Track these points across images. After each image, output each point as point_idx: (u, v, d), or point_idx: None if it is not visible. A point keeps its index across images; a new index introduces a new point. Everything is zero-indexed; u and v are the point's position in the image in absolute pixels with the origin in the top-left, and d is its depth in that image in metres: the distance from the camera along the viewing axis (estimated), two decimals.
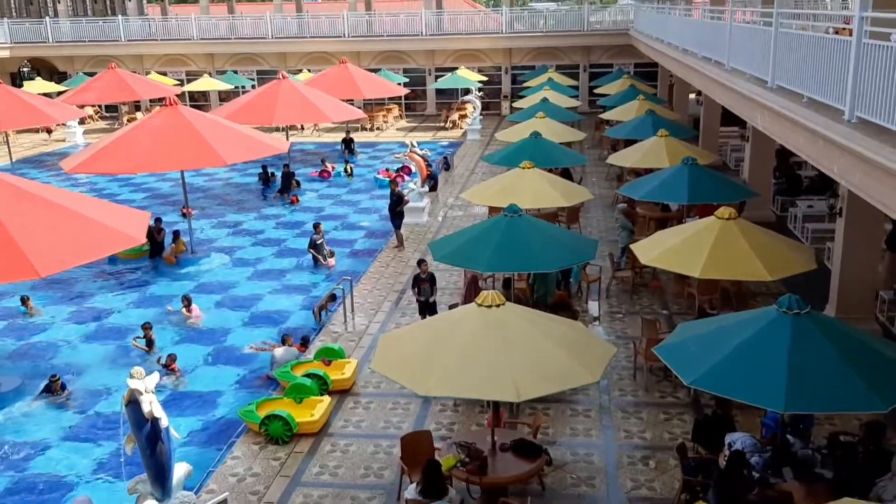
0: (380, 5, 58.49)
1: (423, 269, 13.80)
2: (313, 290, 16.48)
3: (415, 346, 8.57)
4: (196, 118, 18.46)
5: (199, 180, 26.76)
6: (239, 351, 13.81)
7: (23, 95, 28.01)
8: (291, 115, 26.33)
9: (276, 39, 40.56)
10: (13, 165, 27.40)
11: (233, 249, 19.51)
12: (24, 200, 11.79)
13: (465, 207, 21.82)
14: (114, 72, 33.22)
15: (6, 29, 41.26)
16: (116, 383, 12.28)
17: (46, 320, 15.40)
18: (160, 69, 41.53)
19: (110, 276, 17.80)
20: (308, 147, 33.11)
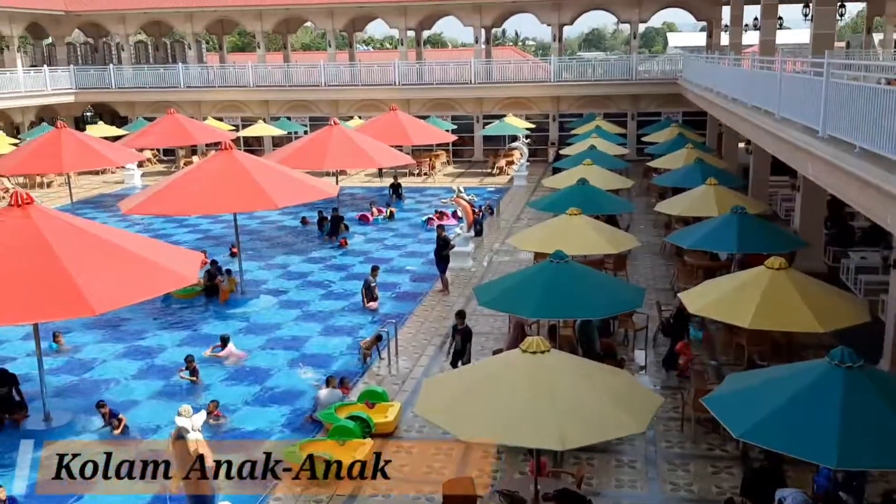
0: (430, 54, 59.66)
1: (459, 321, 13.63)
2: (359, 333, 16.60)
3: (458, 390, 8.57)
4: (249, 162, 18.95)
5: (250, 223, 27.31)
6: (284, 392, 13.92)
7: (85, 139, 29.08)
8: (341, 161, 26.83)
9: (329, 87, 41.52)
10: (73, 206, 28.31)
11: (281, 291, 19.79)
12: (82, 239, 12.18)
13: (510, 253, 21.86)
14: (172, 117, 34.32)
15: (72, 75, 43.03)
16: (164, 420, 12.47)
17: (98, 357, 15.74)
18: (217, 115, 42.77)
19: (162, 315, 18.16)
20: (357, 191, 33.61)
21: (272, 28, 45.02)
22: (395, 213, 28.17)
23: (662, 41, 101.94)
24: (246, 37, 68.65)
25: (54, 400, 13.23)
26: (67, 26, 46.18)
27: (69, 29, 46.75)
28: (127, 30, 45.11)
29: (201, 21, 44.43)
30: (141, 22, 45.47)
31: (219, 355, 15.34)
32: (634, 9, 40.12)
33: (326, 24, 43.38)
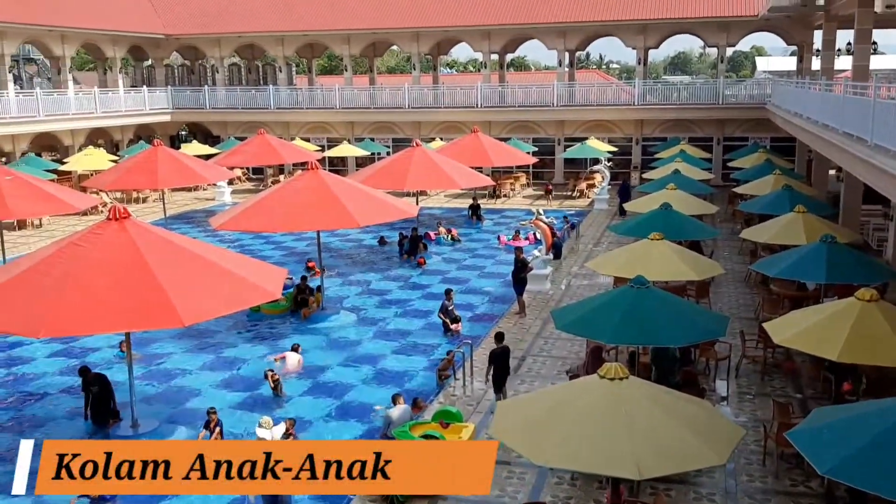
0: (513, 77, 59.92)
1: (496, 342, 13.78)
2: (435, 353, 16.70)
3: (534, 414, 8.54)
4: (334, 182, 19.40)
5: (332, 240, 27.88)
6: (360, 408, 14.12)
7: (180, 157, 30.32)
8: (422, 181, 27.17)
9: (412, 109, 42.15)
10: (166, 220, 29.47)
11: (360, 308, 20.11)
12: (174, 253, 12.68)
13: (589, 277, 21.65)
14: (262, 137, 35.45)
15: (169, 96, 44.99)
16: (245, 430, 12.82)
17: (184, 367, 16.30)
18: (304, 135, 43.93)
19: (246, 329, 18.67)
20: (436, 212, 33.92)
21: (359, 52, 46.07)
22: (456, 235, 28.17)
23: (751, 65, 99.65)
24: (334, 60, 70.43)
25: (142, 407, 13.77)
26: (166, 49, 48.35)
27: (168, 52, 48.94)
28: (222, 53, 46.91)
29: (292, 45, 45.84)
30: (235, 45, 47.22)
31: (280, 357, 15.86)
32: (722, 33, 39.44)
33: (412, 48, 44.13)
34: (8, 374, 16.09)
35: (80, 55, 51.14)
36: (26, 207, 21.80)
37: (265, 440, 9.84)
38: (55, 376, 15.92)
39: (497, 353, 13.60)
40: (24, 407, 14.47)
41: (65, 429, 13.45)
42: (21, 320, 11.29)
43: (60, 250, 12.51)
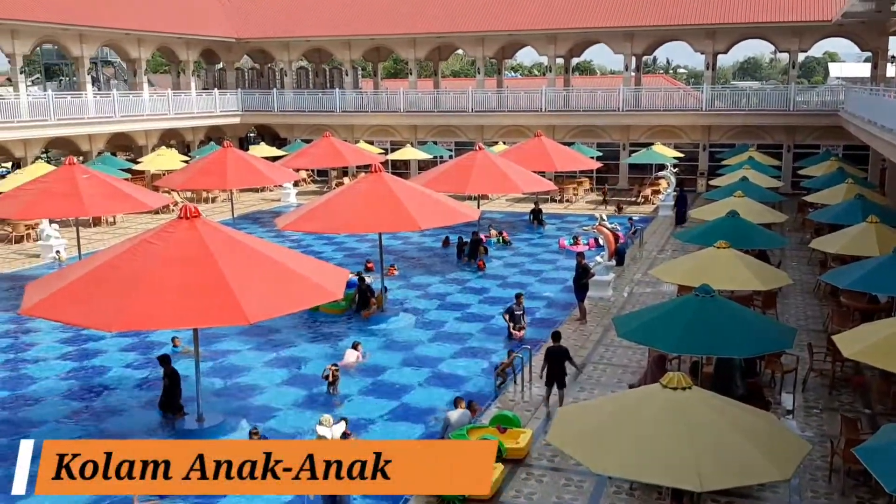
0: (578, 81, 59.51)
1: (554, 340, 14.07)
2: (494, 357, 16.70)
3: (593, 422, 8.48)
4: (396, 185, 19.58)
5: (394, 242, 28.12)
6: (419, 409, 14.21)
7: (248, 158, 31.01)
8: (484, 185, 27.21)
9: (476, 113, 42.24)
10: (234, 220, 30.15)
11: (420, 310, 20.24)
12: (241, 252, 12.97)
13: (652, 284, 21.36)
14: (328, 139, 36.00)
15: (239, 99, 46.07)
16: (305, 427, 13.04)
17: (247, 364, 16.65)
18: (368, 138, 44.43)
19: (308, 328, 18.96)
20: (497, 216, 33.89)
21: (425, 55, 46.38)
22: (507, 238, 28.10)
23: (823, 71, 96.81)
24: (399, 63, 71.02)
25: (207, 402, 14.10)
26: (237, 53, 49.51)
27: (239, 55, 50.11)
28: (290, 56, 47.81)
29: (359, 49, 46.43)
30: (303, 49, 48.05)
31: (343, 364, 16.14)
32: (794, 38, 38.45)
33: (477, 52, 44.22)
34: (82, 366, 16.68)
35: (155, 58, 52.77)
36: (102, 205, 22.60)
37: (325, 438, 9.99)
38: (126, 369, 16.45)
39: (553, 351, 13.69)
40: (97, 398, 14.98)
41: (135, 420, 13.90)
42: (95, 314, 11.69)
43: (133, 247, 12.93)
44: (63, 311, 12.08)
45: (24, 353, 17.37)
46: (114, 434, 13.31)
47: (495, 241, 27.79)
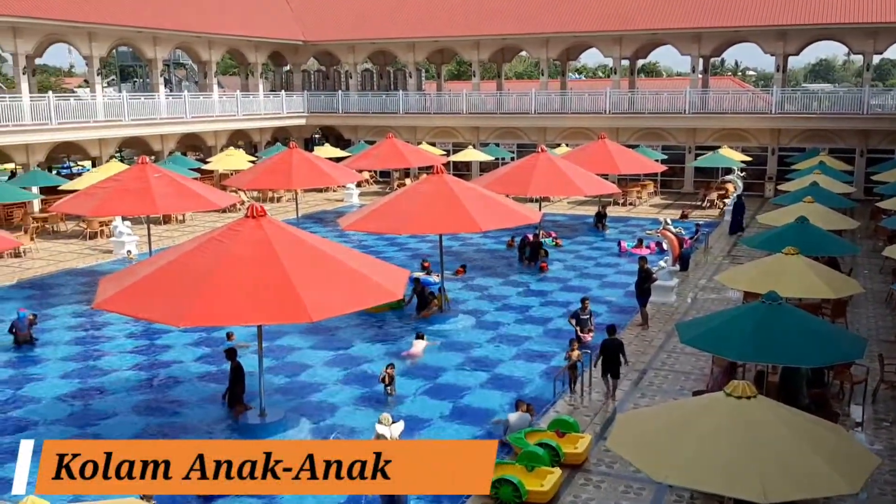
0: (643, 83, 58.73)
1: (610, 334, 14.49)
2: (553, 360, 16.60)
3: (654, 428, 8.36)
4: (458, 186, 19.62)
5: (454, 244, 28.19)
6: (476, 411, 14.21)
7: (313, 159, 31.49)
8: (546, 187, 27.06)
9: (539, 114, 42.07)
10: (298, 220, 30.63)
11: (479, 312, 20.24)
12: (305, 251, 13.17)
13: (717, 290, 20.94)
14: (391, 141, 36.33)
15: (305, 100, 46.86)
16: (362, 425, 13.17)
17: (309, 361, 16.90)
18: (430, 140, 44.64)
19: (369, 326, 19.13)
20: (559, 218, 33.69)
21: (488, 57, 46.40)
22: (560, 242, 27.87)
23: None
24: (463, 65, 71.21)
25: (269, 398, 14.35)
26: (304, 55, 50.34)
27: (305, 57, 50.95)
28: (356, 59, 48.40)
29: (423, 51, 46.70)
30: (369, 51, 48.58)
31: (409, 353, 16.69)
32: (869, 39, 37.16)
33: (541, 54, 44.03)
34: (150, 360, 17.18)
35: (224, 60, 54.01)
36: (172, 204, 23.21)
37: (384, 437, 10.06)
38: (192, 363, 16.88)
39: (608, 344, 14.14)
40: (163, 391, 15.41)
41: (199, 413, 14.26)
42: (164, 309, 12.02)
43: (202, 245, 13.26)
44: (134, 306, 12.45)
45: (95, 346, 17.97)
46: (178, 426, 13.70)
47: (549, 242, 27.60)
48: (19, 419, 13.99)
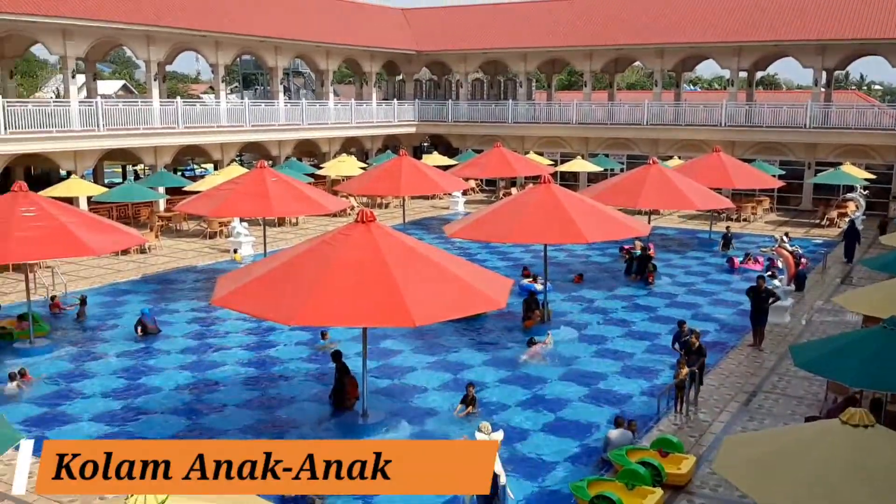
0: (762, 96, 56.70)
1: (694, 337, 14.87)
2: (657, 377, 16.24)
3: (764, 453, 8.06)
4: (565, 196, 19.50)
5: (559, 254, 28.00)
6: (576, 424, 14.05)
7: (421, 166, 31.99)
8: (656, 200, 26.52)
9: (651, 126, 41.28)
10: (405, 225, 31.17)
11: (582, 324, 20.01)
12: (411, 256, 13.37)
13: (835, 313, 19.96)
14: (498, 150, 36.46)
15: (416, 109, 47.67)
16: (463, 431, 13.25)
17: (410, 365, 17.14)
18: (538, 149, 44.54)
19: (470, 333, 19.21)
20: (669, 232, 32.92)
21: (600, 68, 45.90)
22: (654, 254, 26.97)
23: None
24: (574, 75, 70.69)
25: (372, 399, 14.65)
26: (417, 65, 51.21)
27: (418, 67, 51.81)
28: (467, 68, 48.86)
29: (534, 61, 46.68)
30: (480, 61, 48.93)
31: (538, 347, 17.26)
32: None
33: (655, 64, 43.23)
34: (261, 355, 17.84)
35: (340, 69, 55.51)
36: (287, 207, 24.06)
37: None
38: (301, 362, 17.42)
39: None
40: (272, 387, 15.98)
41: (304, 410, 14.69)
42: (276, 308, 12.46)
43: (313, 247, 13.69)
44: (248, 304, 12.97)
45: (211, 341, 18.82)
46: (283, 422, 14.18)
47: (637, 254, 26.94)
48: (139, 407, 14.81)
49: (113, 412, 14.54)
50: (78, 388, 15.71)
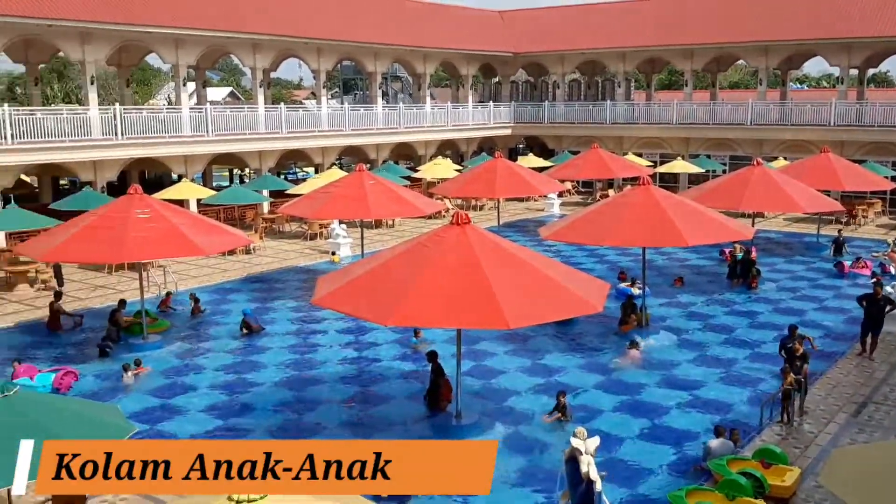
0: (873, 94, 54.05)
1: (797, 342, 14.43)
2: (760, 385, 15.71)
3: (876, 467, 7.70)
4: (665, 198, 19.08)
5: (657, 258, 27.44)
6: (674, 432, 13.76)
7: (516, 168, 31.96)
8: (760, 202, 25.64)
9: (755, 126, 39.94)
10: (499, 228, 31.19)
11: (681, 330, 19.56)
12: (505, 259, 13.38)
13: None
14: (595, 151, 36.04)
15: (511, 110, 47.67)
16: (554, 436, 13.20)
17: (504, 367, 17.15)
18: (636, 150, 43.74)
19: (564, 337, 19.06)
20: (774, 236, 31.76)
21: (702, 67, 44.74)
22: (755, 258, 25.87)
23: None
24: (674, 74, 69.07)
25: (465, 400, 14.73)
26: (513, 66, 51.18)
27: (514, 69, 51.77)
28: (564, 69, 48.50)
29: (633, 61, 45.93)
30: (578, 62, 48.48)
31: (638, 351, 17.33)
32: None
33: (759, 62, 41.79)
34: (359, 354, 18.24)
35: (437, 73, 56.10)
36: (384, 209, 24.51)
37: (580, 450, 10.02)
38: (397, 361, 17.71)
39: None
40: (370, 384, 16.31)
41: (400, 409, 14.93)
42: (373, 308, 12.70)
43: (409, 249, 13.91)
44: (346, 304, 13.27)
45: (311, 339, 19.37)
46: (378, 419, 14.45)
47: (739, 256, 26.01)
48: (243, 402, 15.40)
49: (219, 406, 15.17)
50: (187, 381, 16.47)
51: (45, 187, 36.86)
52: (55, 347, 18.68)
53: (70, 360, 17.40)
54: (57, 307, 19.96)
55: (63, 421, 8.66)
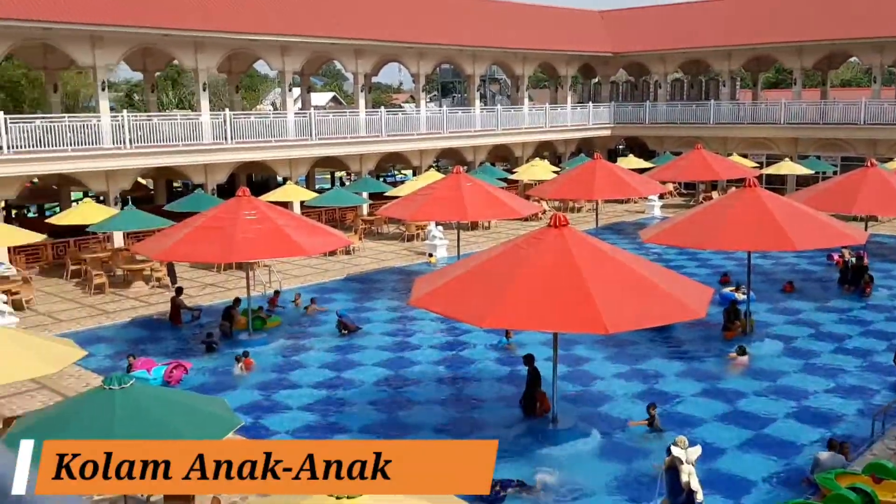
0: None
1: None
2: (873, 397, 14.97)
3: None
4: (772, 201, 18.45)
5: (764, 262, 26.51)
6: (779, 443, 13.28)
7: (616, 170, 31.50)
8: (874, 205, 24.42)
9: (868, 125, 38.04)
10: (597, 230, 30.78)
11: (788, 338, 18.84)
12: (603, 262, 13.22)
13: None
14: (698, 152, 35.08)
15: (611, 111, 46.99)
16: (652, 447, 12.96)
17: (601, 372, 16.93)
18: (742, 151, 42.34)
19: (663, 343, 18.67)
20: (888, 240, 30.16)
21: (812, 64, 42.93)
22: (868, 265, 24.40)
23: None
24: (782, 73, 66.57)
25: (562, 405, 14.67)
26: (613, 67, 50.45)
27: (615, 69, 51.03)
28: (666, 69, 47.45)
29: (739, 59, 44.52)
30: (680, 61, 47.36)
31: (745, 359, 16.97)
32: None
33: (874, 60, 39.77)
34: (454, 355, 18.39)
35: (535, 74, 55.85)
36: (480, 211, 24.63)
37: (680, 459, 9.85)
38: (493, 363, 17.75)
39: None
40: (465, 386, 16.41)
41: (494, 412, 14.95)
42: (469, 309, 12.78)
43: (505, 251, 13.92)
44: (442, 305, 13.41)
45: (408, 339, 19.65)
46: (473, 422, 14.50)
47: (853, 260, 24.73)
48: (342, 399, 15.79)
49: (319, 402, 15.60)
50: (289, 378, 17.02)
51: (159, 190, 38.76)
52: (168, 342, 19.63)
53: (179, 355, 18.24)
54: (178, 302, 21.03)
55: (173, 412, 9.15)
